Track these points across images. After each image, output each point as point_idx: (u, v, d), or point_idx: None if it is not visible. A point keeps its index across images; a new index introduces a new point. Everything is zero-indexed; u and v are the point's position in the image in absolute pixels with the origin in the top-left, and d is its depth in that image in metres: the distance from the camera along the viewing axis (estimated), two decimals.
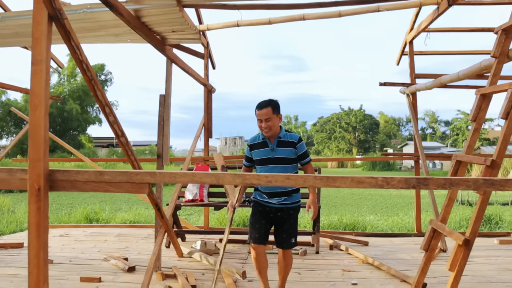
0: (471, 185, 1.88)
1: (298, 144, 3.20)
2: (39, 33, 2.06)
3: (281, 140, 3.20)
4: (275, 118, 3.17)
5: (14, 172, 2.14)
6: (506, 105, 2.81)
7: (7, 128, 36.81)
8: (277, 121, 3.19)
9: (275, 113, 3.18)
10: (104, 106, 2.62)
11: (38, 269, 2.04)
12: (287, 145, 3.19)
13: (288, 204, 3.23)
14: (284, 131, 3.25)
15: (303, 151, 3.22)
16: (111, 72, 42.09)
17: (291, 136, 3.23)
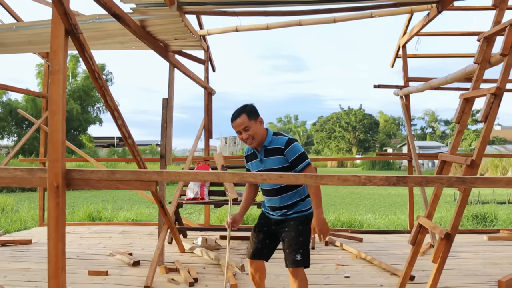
0: (445, 182, 2.10)
1: (286, 150, 2.67)
2: (57, 46, 2.28)
3: (268, 148, 2.74)
4: (255, 124, 2.70)
5: (35, 172, 2.36)
6: (485, 109, 3.03)
7: (8, 128, 36.99)
8: (259, 127, 2.72)
9: (252, 119, 2.70)
10: (113, 111, 2.84)
11: (56, 258, 2.26)
12: (274, 153, 2.70)
13: (289, 215, 2.77)
14: (272, 135, 2.76)
15: (295, 156, 2.66)
16: (111, 72, 42.30)
17: (278, 141, 2.71)
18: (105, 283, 3.82)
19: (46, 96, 6.80)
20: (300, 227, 2.72)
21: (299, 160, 2.66)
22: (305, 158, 2.70)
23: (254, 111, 2.76)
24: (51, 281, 2.27)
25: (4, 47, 4.29)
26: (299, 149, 2.70)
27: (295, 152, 2.67)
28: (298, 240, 2.69)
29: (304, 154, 2.71)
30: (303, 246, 2.70)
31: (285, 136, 2.77)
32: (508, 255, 4.78)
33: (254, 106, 2.79)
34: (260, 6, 4.90)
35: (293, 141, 2.73)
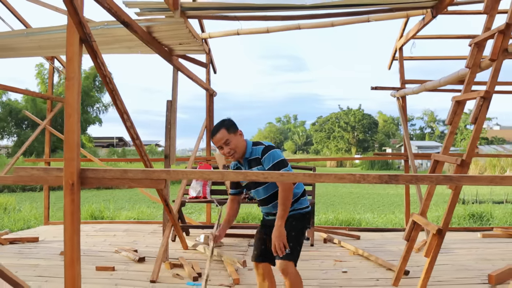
0: (434, 180, 2.26)
1: (262, 159, 2.65)
2: (72, 53, 2.44)
3: (249, 159, 2.74)
4: (234, 137, 2.70)
5: (50, 171, 2.52)
6: (474, 111, 3.20)
7: (8, 128, 37.06)
8: (239, 140, 2.72)
9: (231, 132, 2.70)
10: (122, 113, 3.01)
11: (72, 250, 2.42)
12: (255, 164, 2.70)
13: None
14: (251, 146, 2.76)
15: (271, 165, 2.62)
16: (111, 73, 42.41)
17: (256, 151, 2.71)
18: (113, 278, 3.98)
19: (50, 98, 6.95)
20: (294, 223, 2.71)
21: (276, 168, 2.61)
22: (282, 166, 2.64)
23: (233, 124, 2.76)
24: (67, 271, 2.43)
25: (14, 51, 4.46)
26: (275, 157, 2.65)
27: (270, 160, 2.64)
28: (290, 234, 2.66)
29: (282, 162, 2.65)
30: (293, 241, 2.66)
31: (262, 144, 2.74)
32: (500, 251, 4.95)
33: (232, 120, 2.79)
34: (261, 11, 5.06)
35: (270, 149, 2.68)
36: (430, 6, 4.80)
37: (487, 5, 3.53)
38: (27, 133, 33.69)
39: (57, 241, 5.71)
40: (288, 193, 2.59)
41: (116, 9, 2.88)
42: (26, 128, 35.39)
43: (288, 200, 2.60)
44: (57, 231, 6.40)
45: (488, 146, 43.59)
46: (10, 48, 4.22)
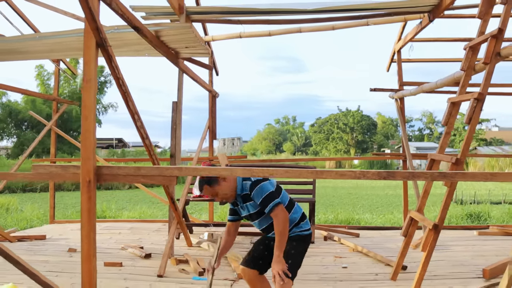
0: (429, 177, 2.42)
1: (252, 194, 2.67)
2: (89, 57, 2.59)
3: (242, 195, 2.74)
4: (219, 187, 2.68)
5: (68, 168, 2.67)
6: (469, 112, 3.36)
7: (8, 129, 37.12)
8: (224, 186, 2.69)
9: (214, 185, 2.68)
10: (133, 114, 3.15)
11: (89, 245, 2.57)
12: (247, 199, 2.72)
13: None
14: (242, 181, 2.72)
15: (261, 199, 2.63)
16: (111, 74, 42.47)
17: (246, 187, 2.70)
18: (121, 273, 4.13)
19: (56, 99, 7.09)
20: (294, 243, 2.73)
21: (266, 202, 2.62)
22: (272, 198, 2.63)
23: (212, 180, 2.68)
24: (84, 264, 2.59)
25: (24, 54, 4.60)
26: (264, 191, 2.64)
27: (259, 195, 2.64)
28: (290, 252, 2.68)
29: (271, 194, 2.65)
30: (292, 258, 2.68)
31: (250, 180, 2.70)
32: (495, 248, 5.10)
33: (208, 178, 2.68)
34: (263, 15, 5.23)
35: (258, 183, 2.67)
36: (427, 11, 4.97)
37: (481, 10, 3.69)
38: (26, 134, 33.78)
39: (64, 238, 5.86)
40: (284, 224, 2.60)
41: (129, 15, 3.03)
42: (25, 129, 35.45)
43: (284, 230, 2.61)
44: (63, 230, 6.55)
45: (486, 147, 43.76)
46: (21, 51, 4.37)
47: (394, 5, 4.86)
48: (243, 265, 2.92)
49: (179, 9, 4.75)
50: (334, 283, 3.86)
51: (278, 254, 2.58)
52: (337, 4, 4.82)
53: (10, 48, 4.20)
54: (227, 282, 3.87)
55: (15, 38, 4.00)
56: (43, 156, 29.55)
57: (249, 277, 2.91)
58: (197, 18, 5.24)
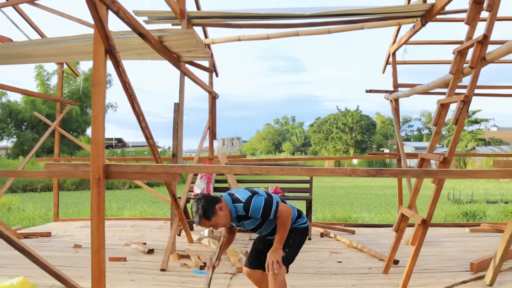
0: (414, 174, 2.61)
1: (249, 213, 2.71)
2: (98, 63, 2.77)
3: (235, 217, 2.78)
4: (216, 218, 2.68)
5: (78, 166, 2.86)
6: (456, 113, 3.55)
7: (7, 129, 37.23)
8: (221, 216, 2.70)
9: (212, 217, 2.67)
10: (139, 116, 3.34)
11: (98, 238, 2.75)
12: (243, 219, 2.78)
13: None
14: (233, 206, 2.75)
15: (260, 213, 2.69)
16: (110, 74, 42.59)
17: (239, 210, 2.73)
18: (125, 267, 4.31)
19: (60, 100, 7.27)
20: (293, 234, 2.82)
21: (267, 212, 2.69)
22: (270, 205, 2.70)
23: (209, 208, 2.67)
24: (94, 256, 2.77)
25: (32, 58, 4.79)
26: (259, 206, 2.69)
27: (257, 211, 2.69)
28: (288, 242, 2.78)
29: (267, 203, 2.70)
30: (289, 247, 2.78)
31: (240, 202, 2.73)
32: (485, 244, 5.29)
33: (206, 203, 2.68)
34: (262, 19, 5.42)
35: (249, 202, 2.70)
36: (419, 16, 5.16)
37: (469, 16, 3.88)
38: (26, 134, 33.92)
39: (68, 235, 6.04)
40: (287, 218, 2.71)
41: (134, 22, 3.22)
42: (25, 129, 35.57)
43: (287, 223, 2.71)
44: (67, 227, 6.73)
45: (485, 147, 43.94)
46: (30, 55, 4.56)
47: (388, 10, 5.05)
48: (248, 267, 3.00)
49: (181, 14, 4.93)
50: (329, 276, 4.05)
51: (277, 246, 2.71)
52: (333, 9, 5.00)
53: (19, 52, 4.39)
54: (227, 275, 4.05)
55: (25, 43, 4.19)
56: (42, 155, 29.74)
57: (255, 277, 3.00)
58: (198, 22, 5.42)
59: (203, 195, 2.81)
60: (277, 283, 2.68)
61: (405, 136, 66.31)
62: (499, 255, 3.52)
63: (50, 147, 32.68)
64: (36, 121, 33.09)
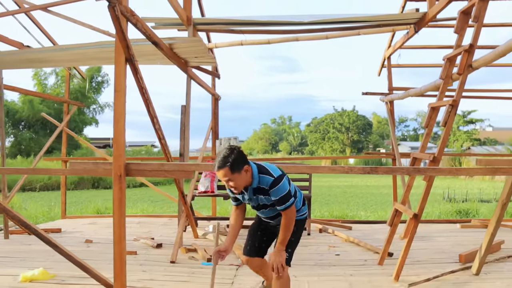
0: (405, 171, 2.90)
1: (270, 191, 2.69)
2: (119, 70, 3.05)
3: (255, 188, 2.76)
4: (238, 176, 2.64)
5: (100, 165, 3.14)
6: (444, 116, 3.85)
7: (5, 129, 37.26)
8: (243, 177, 2.66)
9: (236, 171, 2.62)
10: (153, 118, 3.62)
11: (120, 229, 3.03)
12: (261, 193, 2.76)
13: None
14: (258, 174, 2.72)
15: (278, 198, 2.69)
16: (108, 74, 42.69)
17: (263, 181, 2.70)
18: (137, 260, 4.59)
19: (67, 101, 7.52)
20: (295, 229, 2.85)
21: (281, 202, 2.71)
22: (288, 199, 2.70)
23: (238, 162, 2.63)
24: (116, 246, 3.05)
25: (45, 62, 5.06)
26: (282, 191, 2.68)
27: (278, 194, 2.69)
28: (290, 240, 2.83)
29: (288, 195, 2.71)
30: (291, 246, 2.86)
31: (271, 174, 2.71)
32: (474, 239, 5.60)
33: (239, 155, 2.65)
34: (263, 26, 5.71)
35: (279, 181, 2.68)
36: (412, 23, 5.47)
37: (457, 26, 4.18)
38: (23, 134, 34.02)
39: (78, 231, 6.31)
40: (291, 223, 2.76)
41: (150, 32, 3.50)
42: (22, 129, 35.67)
43: (291, 227, 2.77)
44: (75, 224, 7.00)
45: (480, 147, 44.41)
46: (44, 60, 4.82)
47: (383, 18, 5.36)
48: (247, 255, 3.09)
49: (187, 21, 5.22)
50: (328, 267, 4.35)
51: (280, 248, 2.75)
52: (331, 17, 5.30)
53: (34, 57, 4.65)
54: (232, 267, 4.34)
55: (42, 50, 4.45)
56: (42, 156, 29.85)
57: (254, 265, 3.10)
58: (203, 28, 5.70)
59: (239, 147, 2.73)
60: (282, 280, 2.80)
61: (401, 136, 66.83)
62: (484, 247, 3.83)
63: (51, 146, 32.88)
64: (33, 120, 33.19)
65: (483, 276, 3.93)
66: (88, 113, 41.30)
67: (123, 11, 2.89)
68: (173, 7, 4.76)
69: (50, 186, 21.00)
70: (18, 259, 4.70)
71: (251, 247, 3.06)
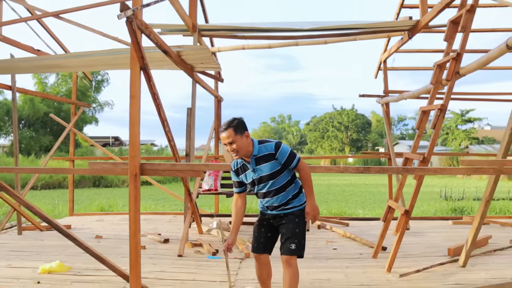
0: (395, 170, 3.20)
1: (277, 154, 2.91)
2: (134, 78, 3.34)
3: (258, 156, 2.96)
4: (240, 139, 2.90)
5: (118, 165, 3.43)
6: (433, 119, 4.14)
7: (5, 128, 37.51)
8: (244, 141, 2.92)
9: (238, 134, 2.90)
10: (163, 121, 3.91)
11: (135, 224, 3.32)
12: (266, 160, 2.94)
13: (286, 210, 3.03)
14: (258, 145, 2.98)
15: (286, 157, 2.92)
16: (108, 73, 42.88)
17: (266, 147, 2.95)
18: (146, 254, 4.88)
19: (75, 103, 7.80)
20: (297, 220, 2.98)
21: (291, 159, 2.93)
22: (295, 155, 2.97)
23: (241, 126, 2.92)
24: (132, 238, 3.34)
25: (57, 68, 5.34)
26: (287, 150, 2.95)
27: (284, 154, 2.92)
28: (294, 232, 2.95)
29: (293, 152, 2.98)
30: (298, 237, 2.95)
31: (271, 141, 2.99)
32: (464, 234, 5.80)
33: (242, 121, 2.96)
34: (265, 32, 6.00)
35: (280, 143, 2.96)
36: (406, 29, 5.76)
37: (447, 35, 4.48)
38: (24, 133, 34.22)
39: (87, 228, 6.61)
40: (309, 176, 2.98)
41: (161, 42, 3.79)
42: (23, 128, 35.90)
43: (311, 179, 2.98)
44: (83, 221, 7.29)
45: (478, 146, 44.69)
46: (59, 66, 5.11)
47: (378, 25, 5.65)
48: (255, 252, 3.15)
49: (193, 28, 5.50)
50: (326, 260, 4.65)
51: (311, 200, 2.96)
52: (329, 24, 5.60)
53: (50, 63, 4.94)
54: (236, 260, 4.64)
55: (58, 56, 4.74)
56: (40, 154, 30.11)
57: (262, 261, 3.15)
58: (207, 34, 6.00)
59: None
60: (292, 268, 2.93)
61: (400, 134, 67.14)
62: (469, 240, 4.13)
63: (47, 145, 33.07)
64: (34, 119, 33.39)
65: (469, 268, 4.23)
66: (88, 112, 41.56)
67: (139, 25, 3.17)
68: (180, 15, 5.04)
69: (51, 185, 21.24)
70: (33, 253, 4.99)
71: (258, 244, 3.15)
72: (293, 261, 2.94)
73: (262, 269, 3.15)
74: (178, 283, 3.85)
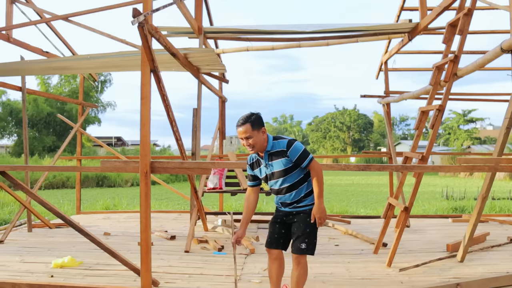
0: (394, 168, 3.34)
1: (288, 151, 2.93)
2: (145, 80, 3.49)
3: (271, 152, 2.99)
4: (257, 134, 2.93)
5: (128, 163, 3.58)
6: (432, 120, 4.29)
7: (8, 128, 37.72)
8: (260, 137, 2.94)
9: (255, 129, 2.92)
10: (172, 121, 4.07)
11: (146, 219, 3.47)
12: (278, 156, 2.96)
13: (298, 208, 3.05)
14: (273, 140, 3.00)
15: (298, 155, 2.92)
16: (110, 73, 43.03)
17: (279, 144, 2.97)
18: (154, 250, 5.01)
19: (82, 103, 7.96)
20: (308, 219, 2.98)
21: (302, 158, 2.92)
22: (307, 154, 2.93)
23: (258, 121, 2.95)
24: (143, 233, 3.49)
25: (68, 70, 5.50)
26: (300, 148, 2.93)
27: (296, 152, 2.91)
28: (305, 231, 2.96)
29: (306, 151, 2.95)
30: (309, 236, 2.96)
31: (284, 138, 2.99)
32: (463, 231, 5.98)
33: (259, 116, 2.98)
34: (268, 34, 6.15)
35: (293, 141, 2.95)
36: (406, 32, 5.90)
37: (445, 37, 4.62)
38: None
39: (94, 226, 6.77)
40: (321, 174, 2.97)
41: (169, 45, 3.94)
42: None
43: (322, 179, 2.97)
44: (90, 219, 7.45)
45: (480, 145, 44.75)
46: (69, 68, 5.27)
47: (379, 28, 5.79)
48: (268, 247, 3.15)
49: (198, 30, 5.66)
50: (328, 256, 4.79)
51: (319, 202, 2.93)
52: (331, 26, 5.74)
53: (61, 65, 5.10)
54: (242, 255, 4.79)
55: (69, 58, 4.90)
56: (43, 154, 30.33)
57: (275, 256, 3.14)
58: (212, 36, 6.15)
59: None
60: (301, 266, 2.96)
61: (402, 134, 67.16)
62: (467, 236, 4.28)
63: (50, 145, 33.29)
64: (37, 120, 33.58)
65: (467, 263, 4.37)
66: (91, 112, 41.76)
67: (149, 29, 3.33)
68: (186, 19, 5.20)
69: (55, 185, 21.43)
70: (45, 249, 5.16)
71: (271, 239, 3.15)
72: (303, 260, 2.97)
73: (272, 264, 3.16)
74: (186, 277, 4.00)
